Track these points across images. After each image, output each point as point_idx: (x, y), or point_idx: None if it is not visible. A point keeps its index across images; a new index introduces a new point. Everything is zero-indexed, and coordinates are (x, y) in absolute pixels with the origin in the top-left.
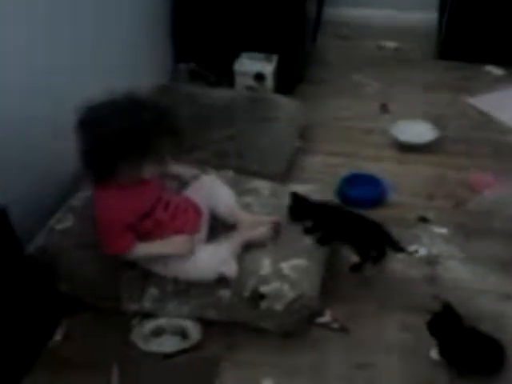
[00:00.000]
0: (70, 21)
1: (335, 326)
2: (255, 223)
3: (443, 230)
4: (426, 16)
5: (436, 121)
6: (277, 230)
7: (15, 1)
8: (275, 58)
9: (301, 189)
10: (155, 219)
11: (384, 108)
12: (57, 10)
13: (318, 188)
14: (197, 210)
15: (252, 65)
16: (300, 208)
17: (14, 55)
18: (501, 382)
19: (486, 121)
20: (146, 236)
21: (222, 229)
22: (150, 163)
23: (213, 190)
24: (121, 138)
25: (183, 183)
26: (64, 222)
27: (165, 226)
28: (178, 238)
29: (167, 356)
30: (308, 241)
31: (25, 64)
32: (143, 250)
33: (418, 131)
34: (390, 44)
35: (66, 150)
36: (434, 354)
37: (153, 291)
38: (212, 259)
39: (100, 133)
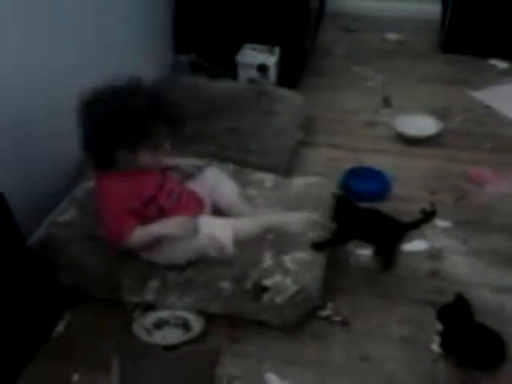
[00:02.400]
0: (69, 13)
1: (336, 319)
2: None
3: (446, 224)
4: (429, 8)
5: (439, 114)
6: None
7: None
8: (278, 49)
9: (303, 182)
10: (159, 205)
11: (387, 101)
12: (56, 3)
13: (320, 181)
14: (200, 203)
15: (255, 56)
16: (344, 210)
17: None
18: (500, 376)
19: (490, 114)
20: (149, 223)
21: None
22: (146, 150)
23: (216, 184)
24: (113, 121)
25: (185, 175)
26: (66, 213)
27: (168, 213)
28: (178, 218)
29: (169, 348)
30: (311, 234)
31: (24, 57)
32: (144, 232)
33: (421, 124)
34: (394, 37)
35: (67, 140)
36: (436, 346)
37: (154, 283)
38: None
39: (95, 116)
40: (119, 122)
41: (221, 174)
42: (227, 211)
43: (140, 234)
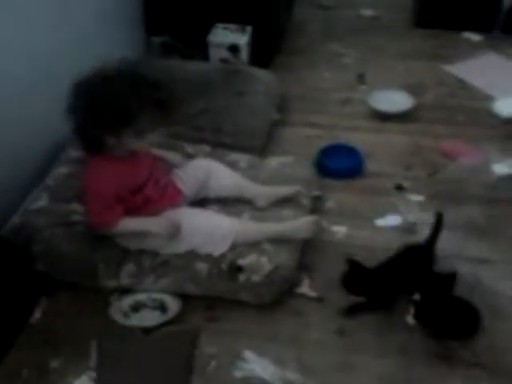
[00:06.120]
0: None
1: (313, 295)
2: (273, 195)
3: (420, 198)
4: None
5: (413, 89)
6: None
7: None
8: (249, 29)
9: (278, 161)
10: (145, 195)
11: (361, 78)
12: None
13: (294, 160)
14: (179, 192)
15: (226, 36)
16: (357, 277)
17: None
18: (474, 345)
19: (464, 88)
20: (133, 212)
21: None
22: (132, 134)
23: (212, 172)
24: (98, 105)
25: (171, 165)
26: (39, 201)
27: (153, 203)
28: (164, 220)
29: (147, 330)
30: (286, 212)
31: None
32: (129, 224)
33: (395, 100)
34: (368, 12)
35: (37, 128)
36: (410, 318)
37: (130, 267)
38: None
39: (81, 100)
40: (103, 106)
41: (215, 162)
42: (238, 196)
43: (124, 224)
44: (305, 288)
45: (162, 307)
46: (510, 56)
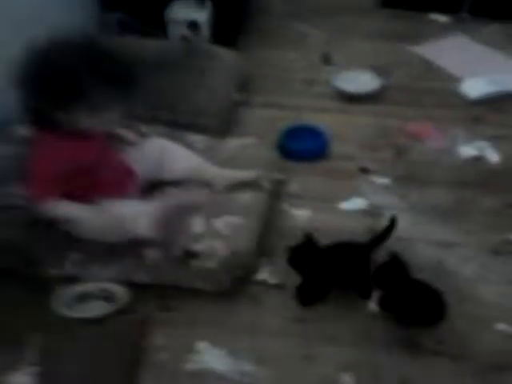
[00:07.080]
0: None
1: (273, 282)
2: (232, 179)
3: (385, 181)
4: None
5: (380, 70)
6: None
7: None
8: (208, 4)
9: (237, 143)
10: (94, 178)
11: (327, 58)
12: None
13: (255, 141)
14: (131, 174)
15: (184, 12)
16: (305, 252)
17: None
18: (438, 331)
19: (430, 69)
20: (79, 195)
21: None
22: (84, 111)
23: (167, 153)
24: (45, 79)
25: (124, 144)
26: None
27: (101, 186)
28: (98, 211)
29: (94, 321)
30: (246, 197)
31: None
32: (66, 207)
33: (362, 81)
34: None
35: None
36: (373, 305)
37: (75, 254)
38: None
39: (29, 74)
40: (54, 78)
41: (170, 143)
42: (195, 178)
43: (59, 207)
44: (265, 274)
45: (110, 297)
46: (478, 37)
